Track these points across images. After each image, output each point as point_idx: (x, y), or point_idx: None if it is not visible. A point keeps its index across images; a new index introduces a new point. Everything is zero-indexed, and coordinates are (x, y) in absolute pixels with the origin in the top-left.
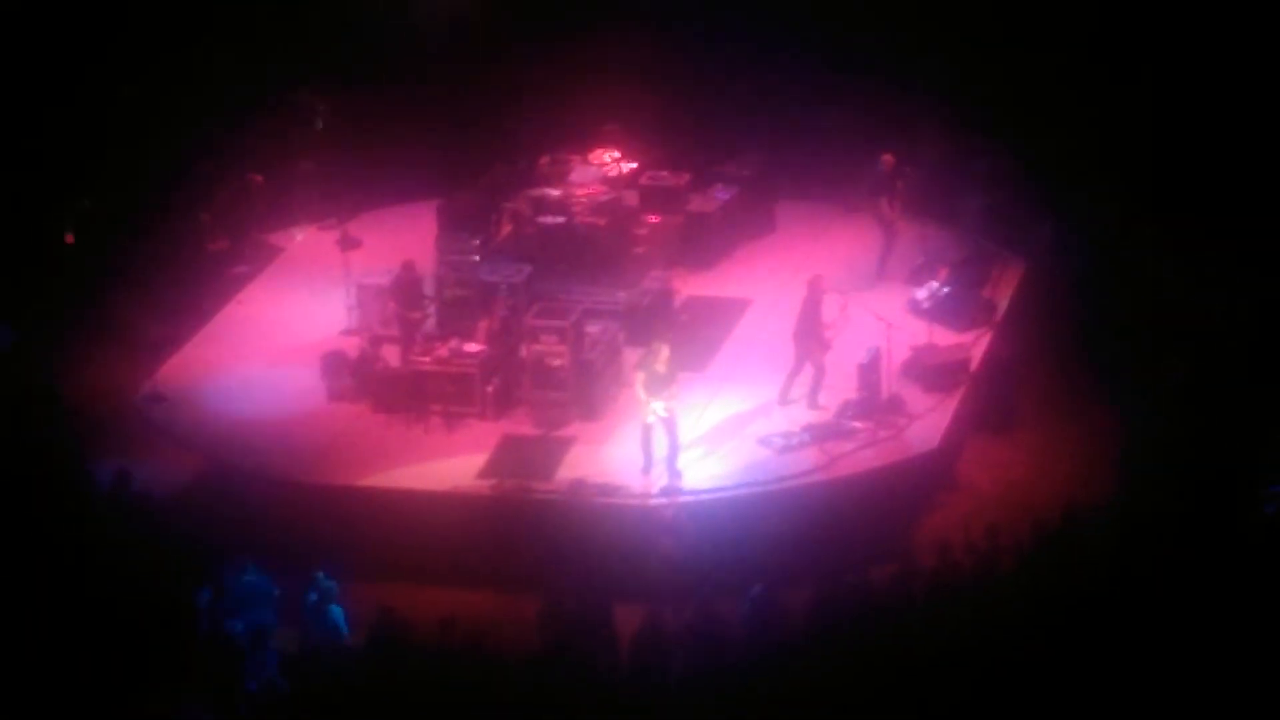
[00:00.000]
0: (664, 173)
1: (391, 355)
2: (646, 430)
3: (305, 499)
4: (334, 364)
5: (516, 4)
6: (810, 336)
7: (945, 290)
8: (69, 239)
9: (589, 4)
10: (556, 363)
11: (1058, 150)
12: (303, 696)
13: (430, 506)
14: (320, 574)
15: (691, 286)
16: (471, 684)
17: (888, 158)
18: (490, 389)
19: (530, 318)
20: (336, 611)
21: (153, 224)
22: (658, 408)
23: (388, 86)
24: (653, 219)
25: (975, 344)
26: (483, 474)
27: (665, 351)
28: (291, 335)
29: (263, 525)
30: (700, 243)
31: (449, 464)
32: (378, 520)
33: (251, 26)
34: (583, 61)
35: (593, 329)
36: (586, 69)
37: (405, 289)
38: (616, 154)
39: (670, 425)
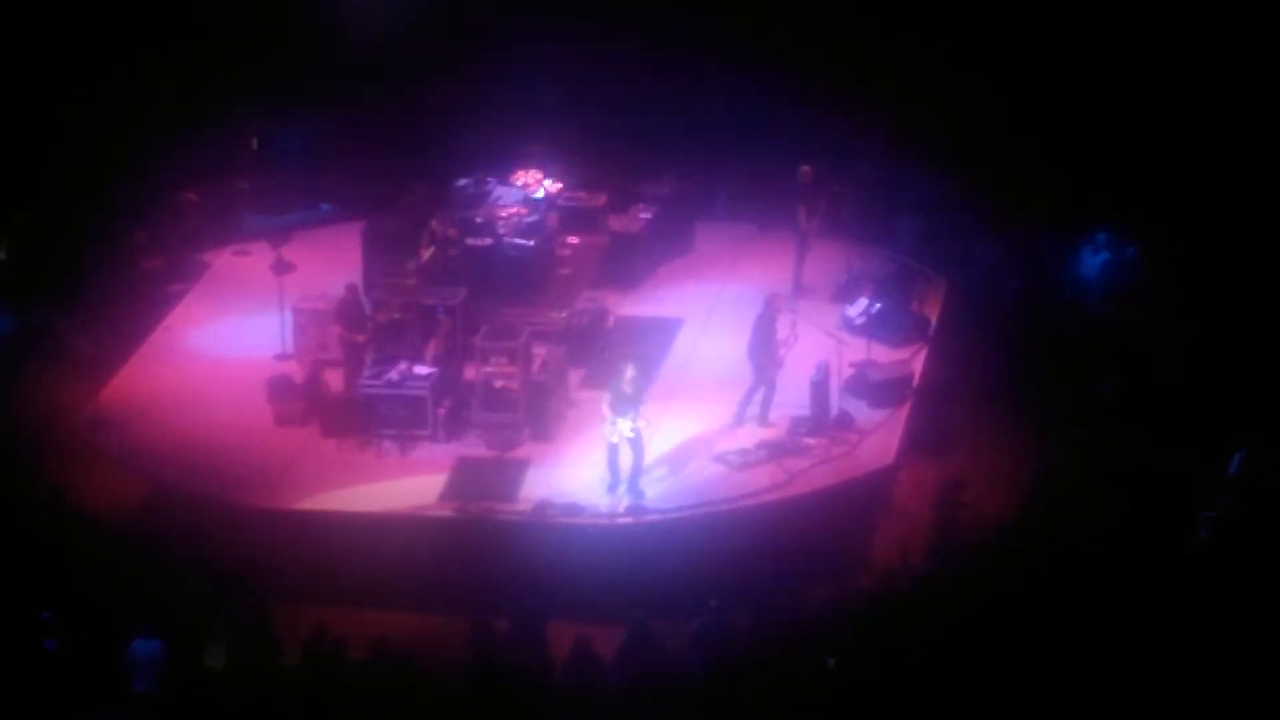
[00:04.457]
0: (581, 193)
1: (333, 379)
2: (613, 450)
3: (260, 523)
4: (281, 387)
5: (437, 25)
6: (765, 354)
7: (877, 306)
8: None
9: (507, 25)
10: (502, 384)
11: (992, 171)
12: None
13: (394, 529)
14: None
15: (620, 306)
16: (402, 702)
17: (806, 169)
18: (442, 411)
19: (479, 339)
20: None
21: (88, 242)
22: (624, 427)
23: (320, 106)
24: (573, 240)
25: (914, 358)
26: (443, 496)
27: (631, 371)
28: (227, 359)
29: (214, 551)
30: (625, 262)
31: (405, 487)
32: (333, 544)
33: (188, 46)
34: (504, 82)
35: (539, 350)
36: (507, 90)
37: (349, 312)
38: (539, 175)
39: (636, 444)
